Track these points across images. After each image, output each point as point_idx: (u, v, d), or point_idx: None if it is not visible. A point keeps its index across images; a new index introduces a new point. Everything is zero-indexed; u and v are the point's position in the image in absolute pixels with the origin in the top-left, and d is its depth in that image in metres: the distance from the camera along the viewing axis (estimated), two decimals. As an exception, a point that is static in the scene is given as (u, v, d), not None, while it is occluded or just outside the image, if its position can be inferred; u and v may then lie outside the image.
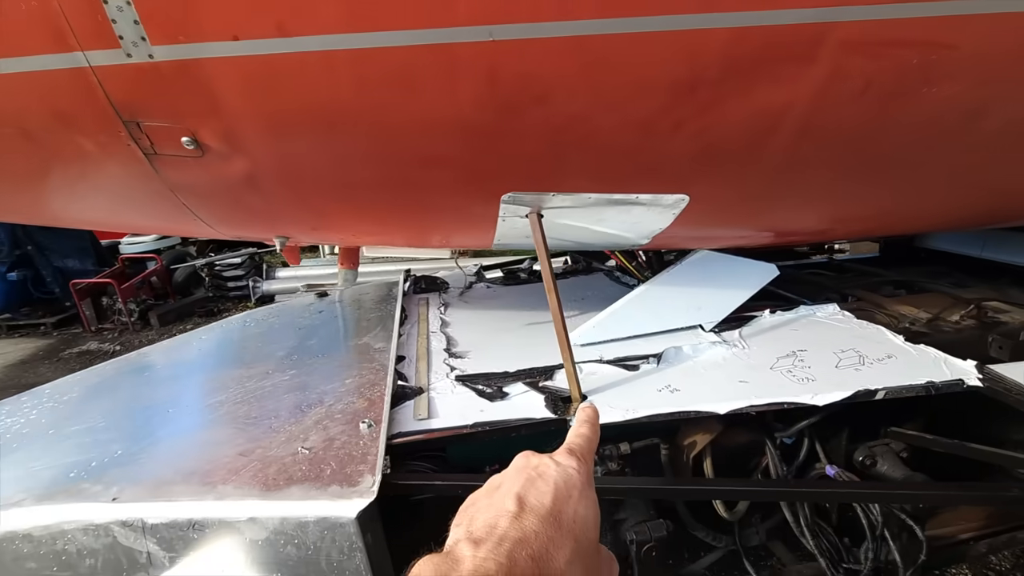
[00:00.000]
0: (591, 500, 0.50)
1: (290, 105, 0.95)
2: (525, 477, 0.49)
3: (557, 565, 0.43)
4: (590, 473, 0.53)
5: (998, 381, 1.34)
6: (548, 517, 0.45)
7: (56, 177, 1.11)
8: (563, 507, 0.47)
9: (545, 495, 0.47)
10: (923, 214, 1.45)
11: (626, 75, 0.94)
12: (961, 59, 0.96)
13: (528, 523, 0.44)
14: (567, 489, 0.48)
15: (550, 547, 0.43)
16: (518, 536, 0.43)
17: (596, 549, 0.50)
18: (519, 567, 0.41)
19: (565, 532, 0.45)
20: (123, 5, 0.83)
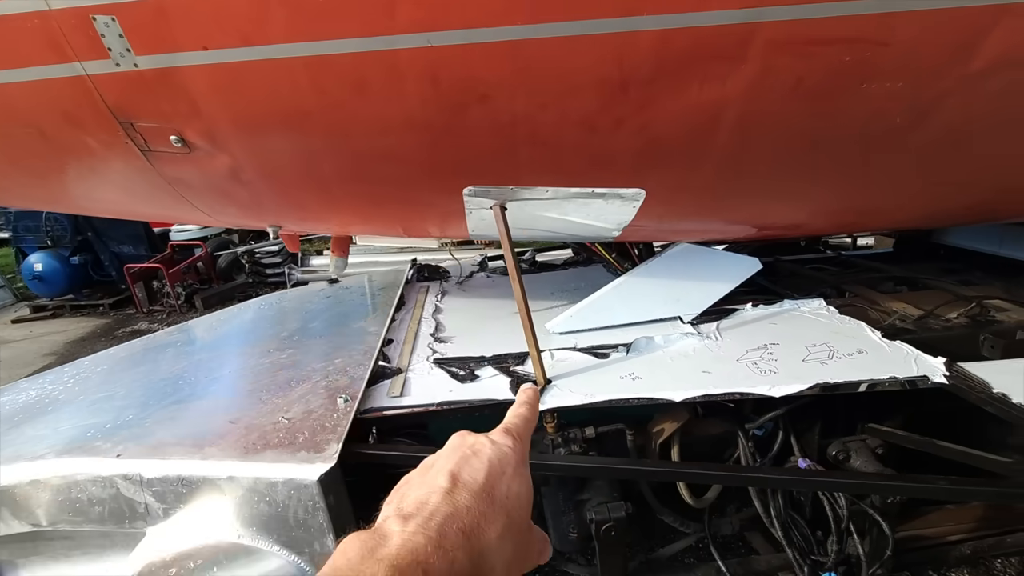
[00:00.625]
0: (525, 478, 0.50)
1: (257, 107, 1.06)
2: (460, 455, 0.49)
3: (488, 539, 0.43)
4: (525, 452, 0.54)
5: (964, 379, 1.33)
6: (480, 492, 0.45)
7: (70, 170, 1.26)
8: (496, 483, 0.47)
9: (479, 472, 0.47)
10: (888, 208, 1.43)
11: (560, 76, 0.99)
12: (896, 56, 0.97)
13: (460, 498, 0.44)
14: (501, 466, 0.48)
15: (481, 521, 0.43)
16: (449, 511, 0.43)
17: (528, 526, 0.50)
18: (449, 540, 0.40)
19: (498, 508, 0.45)
20: (109, 21, 0.95)
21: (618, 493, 1.49)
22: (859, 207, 1.44)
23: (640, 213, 1.37)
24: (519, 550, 0.47)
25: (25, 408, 1.72)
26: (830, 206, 1.44)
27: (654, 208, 1.35)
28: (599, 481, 1.51)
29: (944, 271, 2.40)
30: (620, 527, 1.43)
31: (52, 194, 1.46)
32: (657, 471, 1.37)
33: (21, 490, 1.30)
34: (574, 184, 1.25)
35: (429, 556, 0.38)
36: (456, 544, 0.41)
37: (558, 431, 1.44)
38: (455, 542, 0.41)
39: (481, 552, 0.42)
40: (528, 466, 0.53)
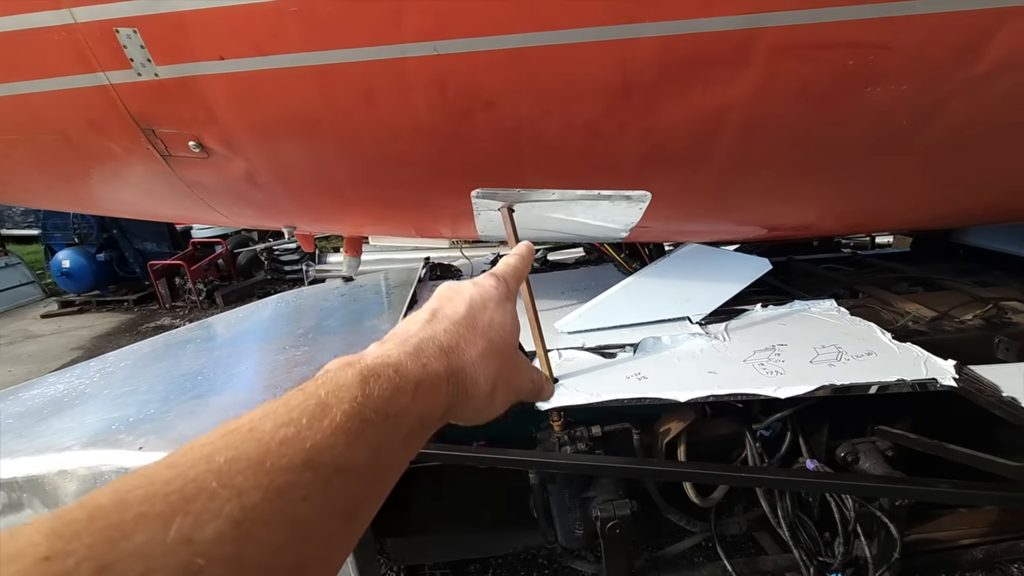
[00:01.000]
0: (508, 311, 0.51)
1: (271, 114, 1.10)
2: (443, 297, 0.50)
3: (468, 357, 0.44)
4: (511, 293, 0.54)
5: (974, 382, 1.32)
6: (460, 321, 0.46)
7: (94, 174, 1.32)
8: (477, 314, 0.47)
9: (459, 306, 0.48)
10: (898, 210, 1.42)
11: (564, 82, 1.01)
12: (900, 59, 0.97)
13: (438, 324, 0.45)
14: (483, 300, 0.49)
15: (460, 342, 0.44)
16: (427, 335, 0.43)
17: (515, 353, 0.51)
18: (425, 353, 0.41)
19: (479, 333, 0.46)
20: (131, 33, 1.00)
21: (624, 491, 1.51)
22: (868, 209, 1.43)
23: (647, 214, 1.38)
24: (506, 371, 0.48)
25: (53, 401, 1.79)
26: (839, 208, 1.44)
27: (660, 209, 1.36)
28: (605, 479, 1.53)
29: (962, 271, 2.36)
30: (625, 525, 1.45)
31: (77, 196, 1.52)
32: (662, 471, 1.38)
33: (50, 480, 1.36)
34: (580, 186, 1.27)
35: (402, 361, 0.39)
36: (432, 355, 0.41)
37: (564, 429, 1.46)
38: (431, 354, 0.41)
39: (460, 366, 0.43)
40: (514, 303, 0.53)
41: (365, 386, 0.35)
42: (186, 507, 0.23)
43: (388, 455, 0.35)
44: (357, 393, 0.34)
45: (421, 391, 0.39)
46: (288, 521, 0.27)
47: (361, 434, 0.33)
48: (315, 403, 0.32)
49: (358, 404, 0.33)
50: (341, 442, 0.31)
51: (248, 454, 0.27)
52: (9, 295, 8.11)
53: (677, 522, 1.68)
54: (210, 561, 0.23)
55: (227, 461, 0.26)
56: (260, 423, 0.30)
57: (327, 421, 0.31)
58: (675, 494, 1.68)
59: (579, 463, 1.28)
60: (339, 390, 0.33)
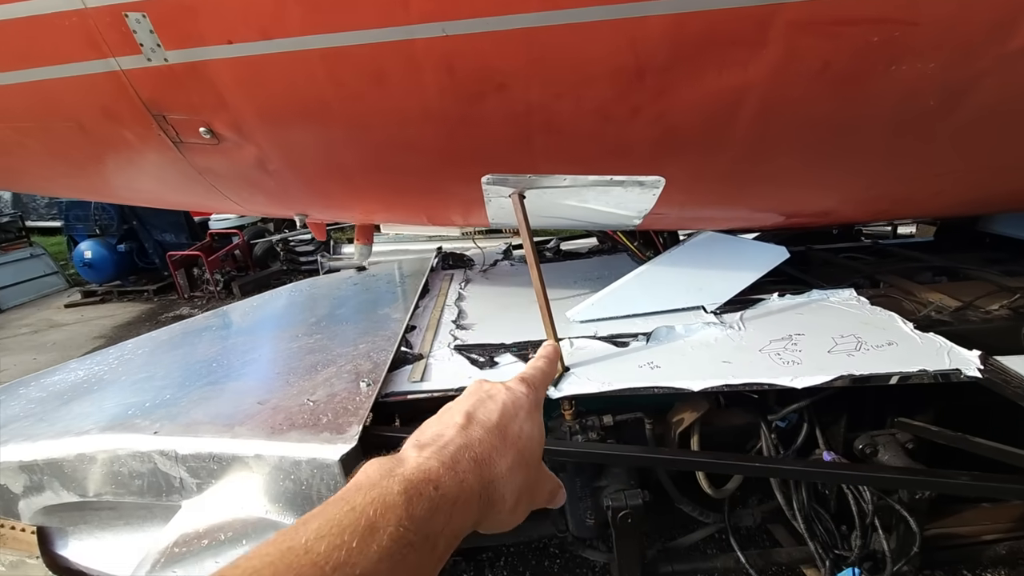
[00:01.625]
0: (537, 422, 0.53)
1: (279, 98, 1.09)
2: (476, 398, 0.52)
3: (498, 469, 0.46)
4: (539, 401, 0.56)
5: (1000, 373, 1.28)
6: (493, 429, 0.48)
7: (108, 161, 1.33)
8: (509, 423, 0.49)
9: (492, 412, 0.49)
10: (924, 195, 1.37)
11: (575, 64, 0.99)
12: (927, 36, 0.93)
13: (473, 432, 0.47)
14: (514, 409, 0.51)
15: (493, 454, 0.46)
16: (463, 442, 0.45)
17: (539, 465, 0.52)
18: (461, 466, 0.43)
19: (509, 444, 0.48)
20: (140, 17, 0.99)
21: (635, 481, 1.49)
22: (892, 194, 1.39)
23: (660, 201, 1.35)
24: (529, 484, 0.49)
25: (74, 387, 1.83)
26: (861, 193, 1.40)
27: (674, 196, 1.33)
28: (616, 469, 1.51)
29: (989, 261, 2.28)
30: (636, 515, 1.43)
31: (91, 184, 1.54)
32: (672, 459, 1.36)
33: (69, 463, 1.39)
34: (592, 172, 1.25)
35: (441, 476, 0.41)
36: (467, 469, 0.43)
37: (576, 418, 1.45)
38: (466, 467, 0.43)
39: (491, 479, 0.45)
40: (541, 413, 0.55)
41: (409, 506, 0.37)
42: None
43: (423, 573, 0.38)
44: (403, 515, 0.36)
45: (457, 509, 0.40)
46: None
47: (404, 559, 0.35)
48: (365, 524, 0.35)
49: (403, 528, 0.36)
50: (386, 568, 0.34)
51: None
52: (34, 285, 8.31)
53: (690, 513, 1.66)
54: None
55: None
56: (315, 545, 0.33)
57: (375, 545, 0.34)
58: (688, 485, 1.66)
59: (589, 451, 1.26)
60: (386, 510, 0.36)
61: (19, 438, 1.48)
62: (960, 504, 1.74)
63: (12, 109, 1.19)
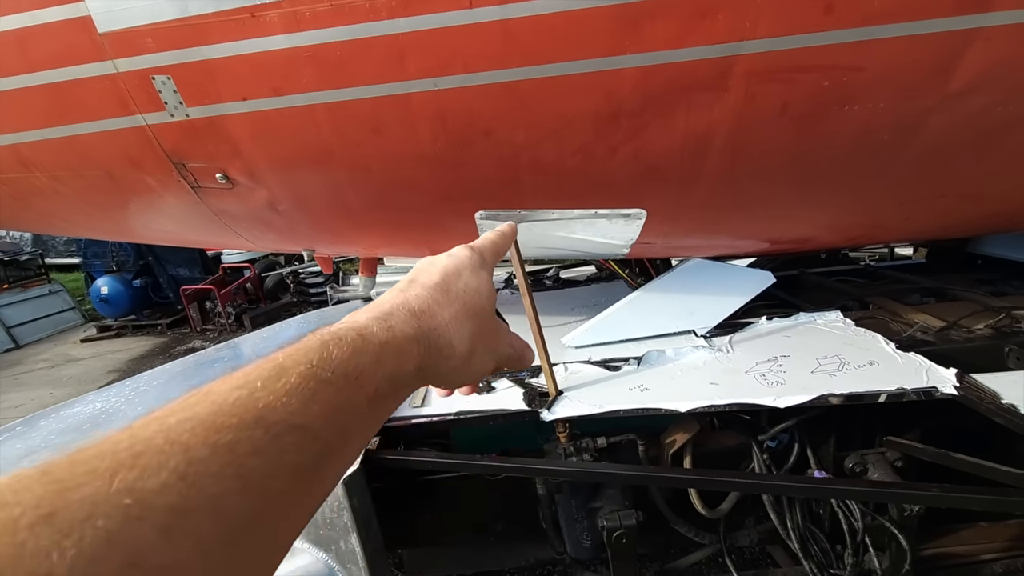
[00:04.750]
0: (483, 278, 0.51)
1: (289, 147, 1.20)
2: (419, 268, 0.51)
3: (441, 319, 0.45)
4: (485, 261, 0.54)
5: (975, 390, 1.32)
6: (434, 287, 0.47)
7: (131, 205, 1.44)
8: (451, 281, 0.48)
9: (434, 274, 0.48)
10: (895, 221, 1.45)
11: (556, 111, 1.09)
12: (874, 79, 1.02)
13: (411, 291, 0.46)
14: (457, 268, 0.50)
15: (433, 306, 0.45)
16: (399, 301, 0.44)
17: (491, 316, 0.51)
18: (394, 318, 0.42)
19: (452, 297, 0.47)
20: (165, 79, 1.11)
21: (630, 502, 1.54)
22: (864, 221, 1.46)
23: (645, 230, 1.44)
24: (484, 334, 0.49)
25: (92, 418, 1.91)
26: (835, 220, 1.47)
27: (658, 226, 1.42)
28: (611, 490, 1.56)
29: (978, 282, 2.33)
30: (631, 535, 1.47)
31: (116, 225, 1.66)
32: (660, 477, 1.41)
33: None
34: (577, 206, 1.34)
35: (367, 325, 0.40)
36: (401, 319, 0.42)
37: (570, 440, 1.51)
38: (401, 318, 0.42)
39: (433, 327, 0.44)
40: (489, 271, 0.53)
41: (324, 349, 0.35)
42: (132, 462, 0.25)
43: (350, 414, 0.36)
44: (314, 357, 0.35)
45: (387, 352, 0.39)
46: (236, 473, 0.28)
47: (317, 393, 0.33)
48: (272, 366, 0.33)
49: (314, 366, 0.34)
50: (295, 401, 0.32)
51: (200, 414, 0.29)
52: (52, 321, 8.50)
53: (685, 534, 1.69)
54: (151, 508, 0.24)
55: (178, 421, 0.28)
56: (217, 387, 0.31)
57: (282, 382, 0.32)
58: (683, 506, 1.70)
59: (583, 470, 1.32)
60: (297, 354, 0.35)
61: (41, 467, 1.56)
62: (956, 523, 1.76)
63: (50, 160, 1.31)
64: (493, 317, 0.52)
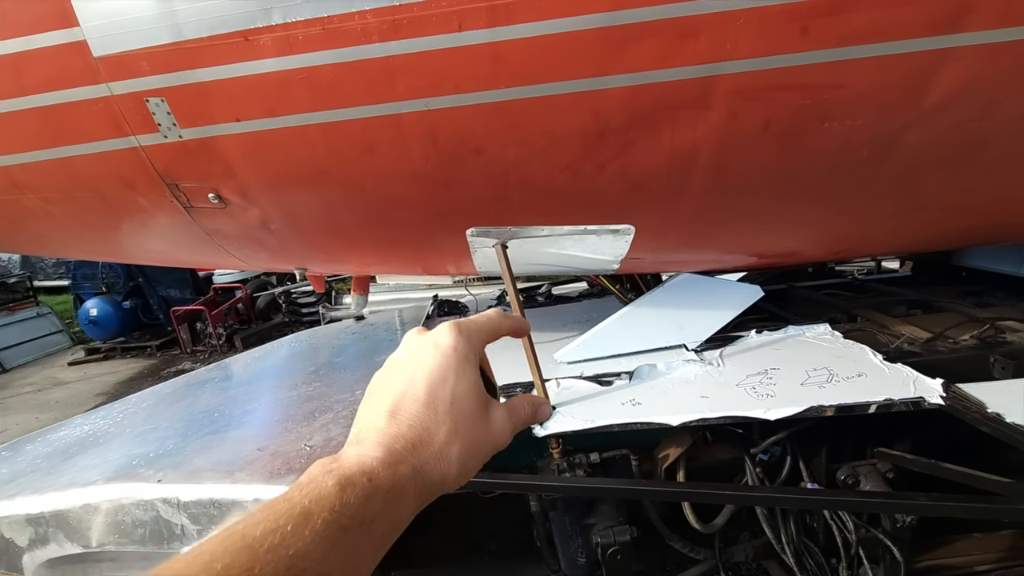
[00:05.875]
0: (468, 376, 0.52)
1: (282, 166, 1.21)
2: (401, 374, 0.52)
3: (434, 448, 0.48)
4: (471, 351, 0.54)
5: (961, 399, 1.34)
6: (422, 411, 0.49)
7: (123, 225, 1.45)
8: (439, 393, 0.50)
9: (419, 390, 0.50)
10: (879, 234, 1.48)
11: (544, 129, 1.12)
12: (852, 97, 1.05)
13: (403, 420, 0.48)
14: (442, 375, 0.51)
15: (423, 435, 0.48)
16: (395, 432, 0.47)
17: (479, 418, 0.53)
18: (394, 456, 0.45)
19: (441, 416, 0.49)
20: (159, 102, 1.13)
21: (624, 518, 1.53)
22: (848, 234, 1.49)
23: (634, 246, 1.45)
24: (472, 444, 0.51)
25: (79, 441, 1.89)
26: (819, 234, 1.50)
27: (646, 241, 1.44)
28: (605, 506, 1.55)
29: (963, 293, 2.37)
30: (625, 551, 1.46)
31: (108, 247, 1.65)
32: (651, 490, 1.41)
33: (74, 514, 1.44)
34: (567, 222, 1.36)
35: (375, 468, 0.43)
36: (401, 459, 0.45)
37: (563, 456, 1.50)
38: (400, 456, 0.46)
39: (426, 460, 0.47)
40: (474, 365, 0.54)
41: (342, 495, 0.40)
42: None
43: (361, 555, 0.41)
44: (336, 503, 0.39)
45: (391, 497, 0.43)
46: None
47: (338, 540, 0.38)
48: (299, 511, 0.38)
49: (336, 512, 0.39)
50: (320, 549, 0.37)
51: (242, 561, 0.34)
52: (39, 344, 8.39)
53: (680, 549, 1.68)
54: None
55: (224, 568, 0.33)
56: (251, 531, 0.36)
57: (308, 529, 0.37)
58: (678, 522, 1.69)
59: (575, 485, 1.32)
60: (320, 500, 0.39)
61: (26, 491, 1.53)
62: (949, 534, 1.76)
63: (41, 182, 1.32)
64: (481, 418, 0.53)
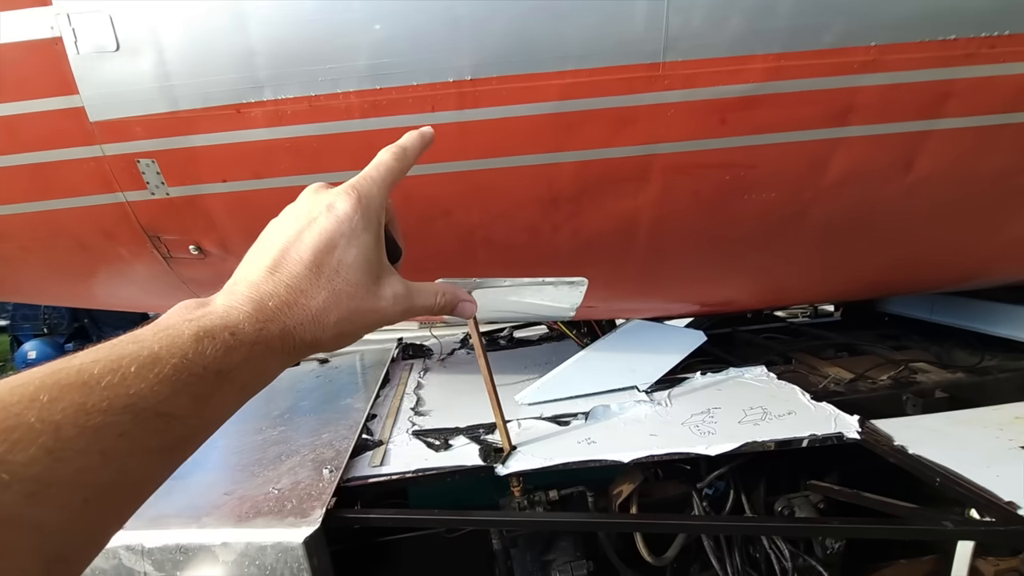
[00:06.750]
0: (362, 244, 0.50)
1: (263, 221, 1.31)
2: (296, 228, 0.50)
3: (307, 312, 0.46)
4: (369, 210, 0.52)
5: (874, 434, 1.52)
6: (304, 273, 0.47)
7: (100, 273, 1.49)
8: (325, 258, 0.48)
9: (306, 247, 0.48)
10: (800, 287, 1.68)
11: (506, 195, 1.26)
12: (765, 175, 1.25)
13: (281, 277, 0.46)
14: (333, 239, 0.48)
15: (300, 297, 0.46)
16: (269, 289, 0.45)
17: (365, 290, 0.50)
18: (263, 313, 0.43)
19: (323, 280, 0.47)
20: (150, 163, 1.22)
21: (581, 552, 1.61)
22: (775, 287, 1.69)
23: (588, 296, 1.59)
24: (351, 315, 0.49)
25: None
26: (750, 286, 1.69)
27: (599, 292, 1.59)
28: (564, 542, 1.64)
29: (884, 337, 2.63)
30: (585, 586, 1.55)
31: (78, 293, 1.68)
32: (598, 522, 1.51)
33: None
34: (527, 275, 1.49)
35: (240, 323, 0.42)
36: (269, 316, 0.44)
37: (524, 494, 1.59)
38: (269, 314, 0.44)
39: (298, 323, 0.46)
40: (374, 231, 0.52)
41: (198, 345, 0.38)
42: (4, 436, 0.28)
43: (218, 404, 0.39)
44: (189, 351, 0.37)
45: (255, 352, 0.42)
46: (99, 450, 0.31)
47: (188, 386, 0.36)
48: (147, 354, 0.35)
49: (189, 360, 0.36)
50: (166, 391, 0.34)
51: (72, 396, 0.31)
52: (-33, 389, 7.82)
53: (636, 583, 1.77)
54: (18, 477, 0.27)
55: (50, 400, 0.30)
56: (89, 367, 0.33)
57: (154, 373, 0.34)
58: (632, 556, 1.78)
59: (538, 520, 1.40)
60: (172, 346, 0.36)
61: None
62: (878, 562, 1.91)
63: (22, 232, 1.36)
64: (369, 288, 0.50)
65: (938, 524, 1.19)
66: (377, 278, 0.51)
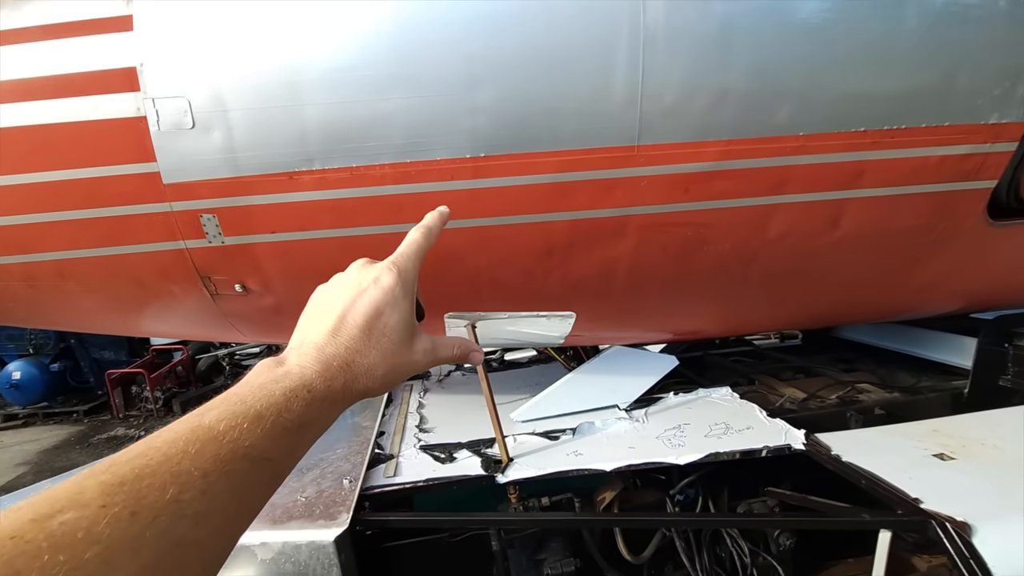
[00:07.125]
0: (401, 310, 0.60)
1: (302, 265, 1.55)
2: (348, 297, 0.58)
3: (361, 368, 0.55)
4: (407, 287, 0.62)
5: (817, 445, 1.79)
6: (360, 332, 0.55)
7: (152, 307, 1.71)
8: (375, 324, 0.57)
9: (359, 315, 0.56)
10: (757, 319, 1.97)
11: (508, 245, 1.53)
12: (718, 231, 1.53)
13: (341, 340, 0.55)
14: (379, 308, 0.57)
15: (357, 357, 0.54)
16: (332, 351, 0.53)
17: (402, 348, 0.59)
18: (330, 372, 0.52)
19: (373, 342, 0.56)
20: (210, 217, 1.45)
21: (569, 552, 1.85)
22: (735, 319, 1.97)
23: (575, 326, 1.86)
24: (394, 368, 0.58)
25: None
26: (716, 319, 1.97)
27: (585, 323, 1.85)
28: (554, 543, 1.87)
29: (837, 360, 2.92)
30: (576, 583, 1.78)
31: (125, 323, 1.89)
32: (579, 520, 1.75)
33: None
34: (524, 309, 1.75)
35: (314, 382, 0.51)
36: (334, 376, 0.52)
37: (520, 500, 1.82)
38: (334, 373, 0.53)
39: (355, 377, 0.54)
40: (410, 299, 0.63)
41: (287, 403, 0.48)
42: (174, 480, 0.38)
43: (301, 449, 0.50)
44: (282, 409, 0.47)
45: (325, 406, 0.51)
46: (230, 489, 0.41)
47: (281, 437, 0.46)
48: (253, 413, 0.45)
49: (282, 418, 0.47)
50: (267, 442, 0.45)
51: (210, 448, 0.41)
52: (-54, 410, 7.73)
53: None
54: (188, 512, 0.38)
55: (196, 453, 0.40)
56: (216, 425, 0.42)
57: (260, 427, 0.44)
58: (613, 555, 2.01)
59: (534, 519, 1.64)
60: (270, 406, 0.46)
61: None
62: (830, 560, 2.17)
63: (87, 273, 1.58)
64: (405, 348, 0.59)
65: (859, 516, 1.45)
66: (411, 336, 0.61)
